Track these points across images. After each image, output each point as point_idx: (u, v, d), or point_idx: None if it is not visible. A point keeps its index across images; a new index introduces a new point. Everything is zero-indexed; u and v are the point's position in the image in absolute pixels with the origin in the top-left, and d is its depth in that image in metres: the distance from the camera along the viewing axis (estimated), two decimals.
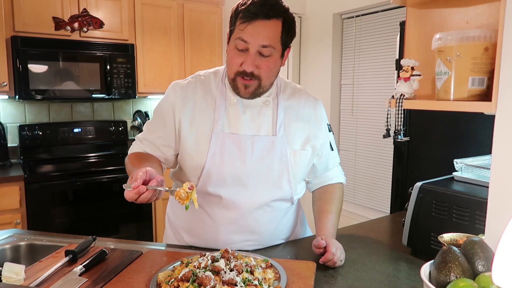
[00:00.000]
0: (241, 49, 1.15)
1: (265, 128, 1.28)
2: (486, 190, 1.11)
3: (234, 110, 1.27)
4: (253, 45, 1.13)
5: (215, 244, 1.30)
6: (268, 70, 1.19)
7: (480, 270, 0.79)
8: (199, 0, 3.44)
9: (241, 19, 1.14)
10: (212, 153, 1.23)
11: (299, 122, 1.31)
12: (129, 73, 3.14)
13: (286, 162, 1.28)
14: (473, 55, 0.95)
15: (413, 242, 1.28)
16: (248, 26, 1.12)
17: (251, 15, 1.11)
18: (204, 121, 1.26)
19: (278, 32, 1.15)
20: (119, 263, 1.15)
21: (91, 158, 3.30)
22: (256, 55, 1.15)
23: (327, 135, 1.38)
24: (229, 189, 1.26)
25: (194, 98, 1.28)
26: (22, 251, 1.33)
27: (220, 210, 1.28)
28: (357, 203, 3.66)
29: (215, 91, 1.29)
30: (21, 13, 2.75)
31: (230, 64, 1.20)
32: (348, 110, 3.67)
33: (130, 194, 0.99)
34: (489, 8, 1.05)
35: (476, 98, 0.97)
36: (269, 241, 1.35)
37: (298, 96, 1.36)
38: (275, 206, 1.32)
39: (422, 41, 1.21)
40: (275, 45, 1.16)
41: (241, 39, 1.14)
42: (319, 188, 1.46)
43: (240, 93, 1.22)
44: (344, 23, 3.67)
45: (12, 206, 2.59)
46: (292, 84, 1.39)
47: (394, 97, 1.12)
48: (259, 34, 1.12)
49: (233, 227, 1.29)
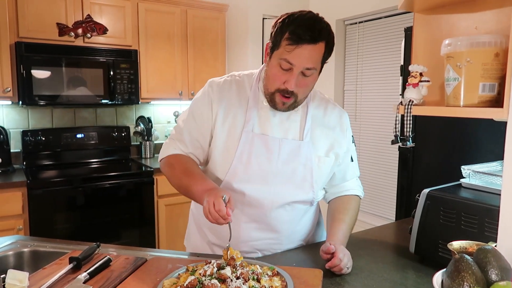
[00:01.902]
0: (285, 69, 1.18)
1: (292, 132, 1.32)
2: (495, 197, 1.10)
3: (265, 112, 1.31)
4: (298, 67, 1.16)
5: (236, 241, 1.31)
6: (306, 89, 1.24)
7: (494, 279, 0.78)
8: (202, 7, 3.45)
9: (287, 40, 1.15)
10: (240, 151, 1.28)
11: (324, 130, 1.35)
12: (132, 79, 3.14)
13: (310, 167, 1.31)
14: (483, 61, 0.94)
15: (421, 250, 1.27)
16: (296, 49, 1.14)
17: (299, 39, 1.13)
18: (236, 119, 1.30)
19: (321, 54, 1.19)
20: (123, 270, 1.14)
21: (93, 163, 3.30)
22: (299, 75, 1.18)
23: (350, 145, 1.41)
24: (253, 186, 1.29)
25: (229, 96, 1.33)
26: (25, 258, 1.32)
27: (242, 207, 1.31)
28: (361, 209, 3.63)
29: (249, 92, 1.33)
30: (25, 19, 2.76)
31: (273, 81, 1.22)
32: (352, 116, 3.66)
33: (211, 219, 1.08)
34: (498, 14, 1.04)
35: (486, 104, 0.96)
36: (288, 242, 1.38)
37: (326, 105, 1.40)
38: (295, 206, 1.35)
39: (430, 47, 1.20)
40: (317, 66, 1.20)
41: (287, 61, 1.16)
42: (335, 198, 1.46)
43: (277, 107, 1.26)
44: (347, 29, 3.67)
45: (14, 212, 2.58)
46: (320, 93, 1.43)
47: (403, 104, 1.11)
48: (305, 57, 1.15)
49: (254, 225, 1.33)
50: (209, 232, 1.41)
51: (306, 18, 1.16)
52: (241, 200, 1.30)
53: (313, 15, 1.18)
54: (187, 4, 3.37)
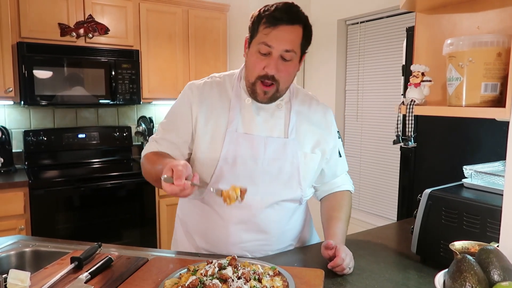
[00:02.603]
0: (263, 53, 1.18)
1: (277, 130, 1.31)
2: (497, 197, 1.09)
3: (248, 111, 1.30)
4: (276, 49, 1.16)
5: (226, 244, 1.30)
6: (287, 75, 1.23)
7: (496, 279, 0.78)
8: (204, 7, 3.45)
9: (264, 24, 1.17)
10: (225, 152, 1.26)
11: (310, 126, 1.34)
12: (133, 79, 3.14)
13: (297, 164, 1.30)
14: (485, 60, 0.94)
15: (423, 250, 1.26)
16: (273, 31, 1.15)
17: (275, 20, 1.15)
18: (219, 120, 1.29)
19: (299, 37, 1.19)
20: (125, 270, 1.14)
21: (95, 163, 3.30)
22: (279, 59, 1.18)
23: (336, 141, 1.40)
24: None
25: (210, 97, 1.31)
26: (27, 258, 1.32)
27: (230, 209, 1.28)
28: (363, 209, 3.64)
29: (231, 92, 1.32)
30: (27, 20, 2.77)
31: (252, 68, 1.22)
32: (353, 116, 3.65)
33: (173, 189, 1.00)
34: (500, 13, 1.04)
35: (488, 104, 0.96)
36: (278, 242, 1.36)
37: (310, 102, 1.39)
38: (284, 205, 1.33)
39: (432, 47, 1.20)
40: (296, 50, 1.20)
41: (265, 43, 1.16)
42: (327, 195, 1.46)
43: (258, 98, 1.24)
44: (349, 29, 3.67)
45: (16, 211, 2.58)
46: (304, 90, 1.43)
47: (404, 103, 1.11)
48: (282, 38, 1.16)
49: (243, 226, 1.30)
50: (198, 237, 1.38)
51: (282, 3, 1.18)
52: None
53: (290, 3, 1.19)
54: (188, 4, 3.37)
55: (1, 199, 2.53)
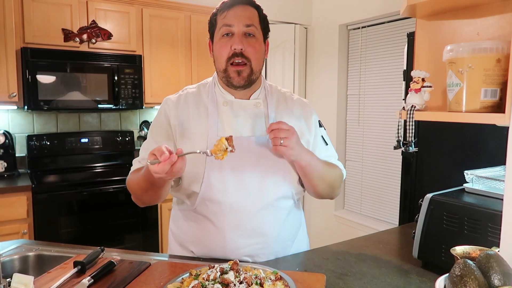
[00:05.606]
0: (226, 34, 1.24)
1: (259, 128, 1.31)
2: (499, 202, 1.10)
3: (227, 115, 1.31)
4: (237, 25, 1.23)
5: (223, 251, 1.29)
6: (255, 52, 1.25)
7: (496, 284, 0.78)
8: (206, 12, 3.46)
9: (220, 12, 1.25)
10: (210, 159, 1.24)
11: (289, 119, 1.33)
12: (136, 83, 3.16)
13: (283, 159, 1.29)
14: (485, 66, 0.94)
15: (424, 255, 1.27)
16: (229, 11, 1.23)
17: (229, 4, 1.24)
18: (199, 129, 1.29)
19: (256, 16, 1.27)
20: (127, 275, 1.15)
21: (98, 168, 3.31)
22: (242, 36, 1.23)
23: (317, 130, 1.40)
24: (231, 193, 1.26)
25: (186, 108, 1.33)
26: (30, 262, 1.33)
27: (224, 216, 1.27)
28: (364, 214, 3.64)
29: (206, 100, 1.34)
30: (31, 25, 2.79)
31: (220, 53, 1.26)
32: (355, 121, 3.66)
33: (162, 167, 1.01)
34: (500, 20, 1.05)
35: (488, 109, 0.97)
36: (276, 244, 1.34)
37: (285, 97, 1.42)
38: (278, 205, 1.32)
39: (432, 52, 1.20)
40: (257, 26, 1.26)
41: (225, 24, 1.23)
42: None
43: (234, 82, 1.26)
44: (350, 34, 3.69)
45: (19, 216, 2.59)
46: (278, 87, 1.45)
47: (405, 109, 1.12)
48: (240, 15, 1.23)
49: (239, 232, 1.28)
50: (193, 246, 1.36)
51: None
52: (221, 209, 1.27)
53: None
54: (191, 10, 3.39)
55: (5, 204, 2.54)
